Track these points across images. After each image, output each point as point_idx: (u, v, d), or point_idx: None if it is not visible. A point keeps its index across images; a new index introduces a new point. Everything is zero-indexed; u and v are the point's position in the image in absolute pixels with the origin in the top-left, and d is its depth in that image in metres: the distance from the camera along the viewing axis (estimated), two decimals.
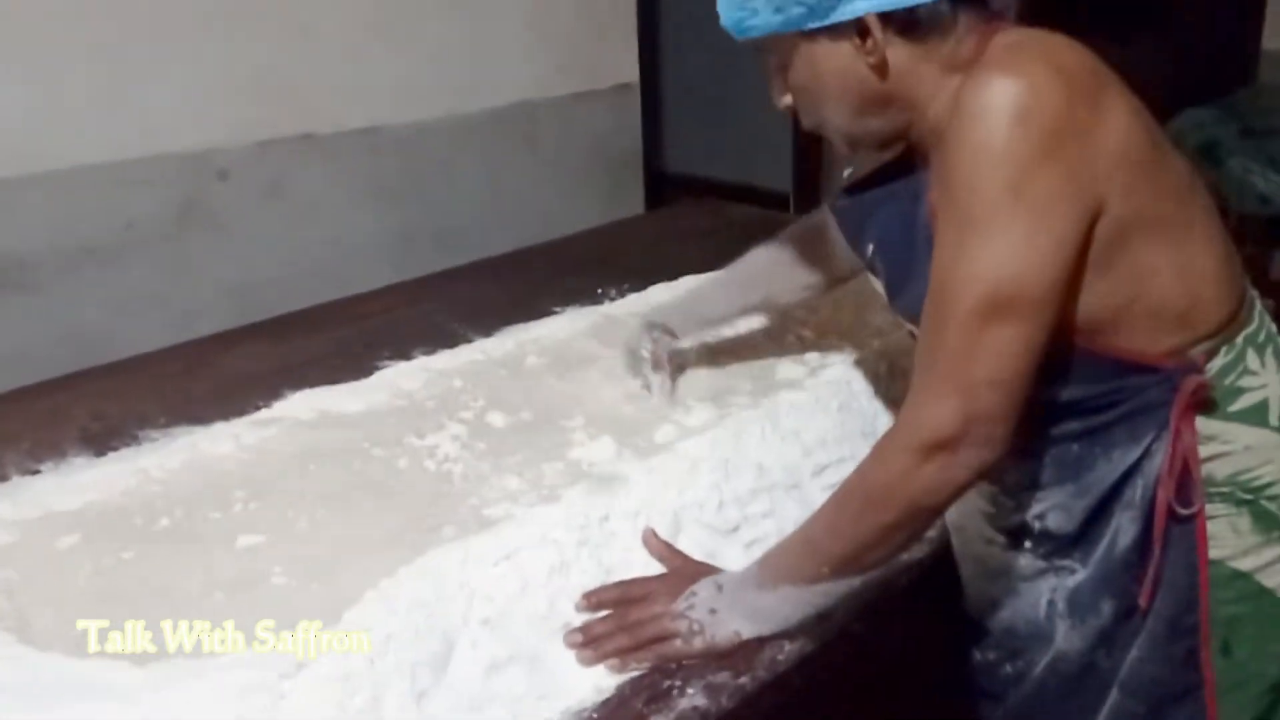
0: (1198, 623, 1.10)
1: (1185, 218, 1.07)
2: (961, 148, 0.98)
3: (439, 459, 1.36)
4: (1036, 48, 1.02)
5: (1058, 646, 1.17)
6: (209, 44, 2.25)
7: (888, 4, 1.02)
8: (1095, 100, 0.99)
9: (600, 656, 1.10)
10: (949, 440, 1.00)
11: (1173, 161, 1.07)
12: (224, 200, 2.36)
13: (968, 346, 0.99)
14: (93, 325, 2.13)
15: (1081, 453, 1.12)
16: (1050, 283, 0.98)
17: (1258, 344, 1.12)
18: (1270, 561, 1.12)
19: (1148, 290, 1.05)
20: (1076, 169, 0.97)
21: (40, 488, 1.30)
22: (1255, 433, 1.10)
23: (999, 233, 0.97)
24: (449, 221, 2.74)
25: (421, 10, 2.60)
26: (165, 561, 1.16)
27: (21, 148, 2.05)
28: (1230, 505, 1.10)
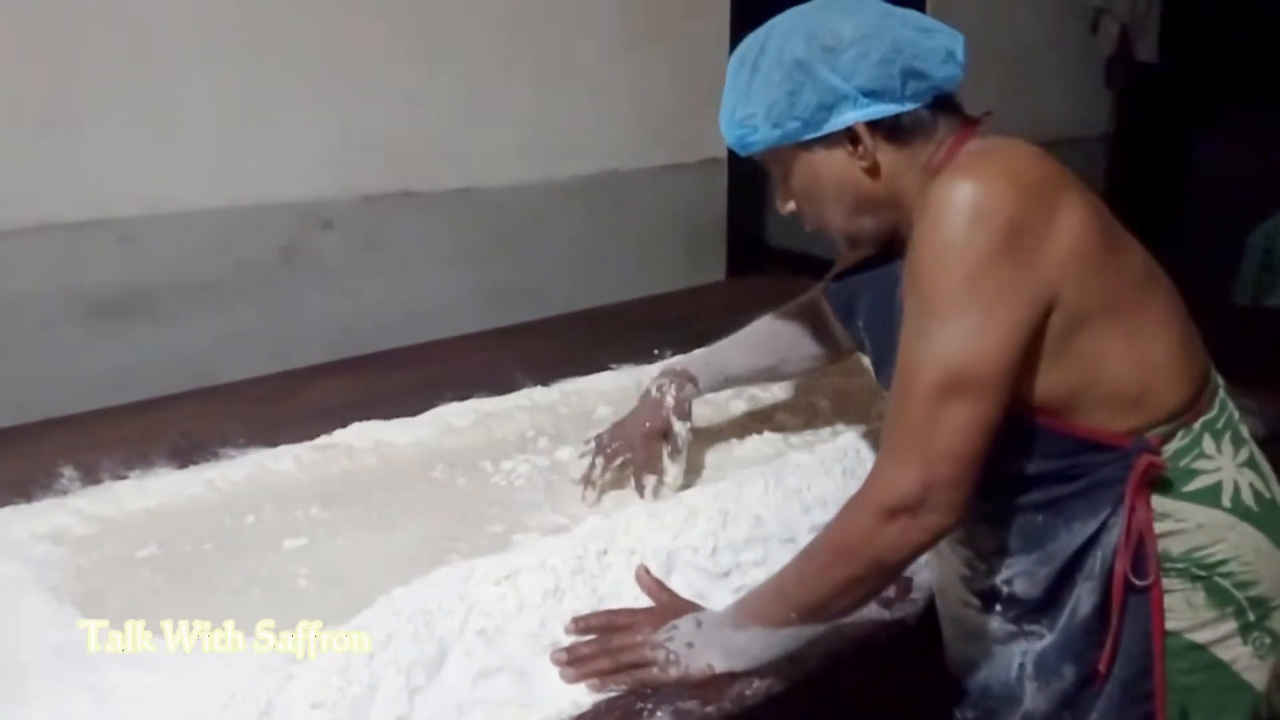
0: (1153, 689, 1.17)
1: (1140, 309, 1.15)
2: (924, 242, 1.09)
3: (468, 488, 1.51)
4: (998, 155, 1.12)
5: (1025, 708, 1.24)
6: (322, 105, 2.48)
7: (874, 113, 1.15)
8: (1049, 203, 1.08)
9: (582, 676, 1.21)
10: (910, 505, 1.09)
11: (1129, 257, 1.16)
12: (327, 248, 2.59)
13: (928, 420, 1.08)
14: (198, 353, 2.36)
15: (1045, 523, 1.19)
16: (1001, 366, 1.07)
17: (1215, 430, 1.18)
18: (1225, 636, 1.17)
19: (1101, 376, 1.13)
20: (1028, 265, 1.07)
21: (122, 491, 1.49)
22: (1208, 512, 1.16)
23: (955, 320, 1.07)
24: (534, 280, 2.92)
25: (519, 81, 2.81)
26: (214, 558, 1.33)
27: (150, 191, 2.30)
28: (1185, 580, 1.16)
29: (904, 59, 1.14)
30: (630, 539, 1.35)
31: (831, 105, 1.15)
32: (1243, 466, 1.19)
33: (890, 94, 1.14)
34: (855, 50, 1.14)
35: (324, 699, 1.07)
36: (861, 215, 1.22)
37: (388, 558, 1.34)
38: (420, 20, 2.60)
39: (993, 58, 4.05)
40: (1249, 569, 1.17)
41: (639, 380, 1.94)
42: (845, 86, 1.14)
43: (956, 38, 1.18)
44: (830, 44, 1.15)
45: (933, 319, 1.09)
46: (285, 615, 1.17)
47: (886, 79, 1.14)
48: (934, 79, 1.15)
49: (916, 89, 1.15)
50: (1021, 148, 1.14)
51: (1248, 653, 1.18)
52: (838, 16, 1.17)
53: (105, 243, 2.28)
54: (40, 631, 1.12)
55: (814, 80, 1.15)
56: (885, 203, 1.20)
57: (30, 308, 2.16)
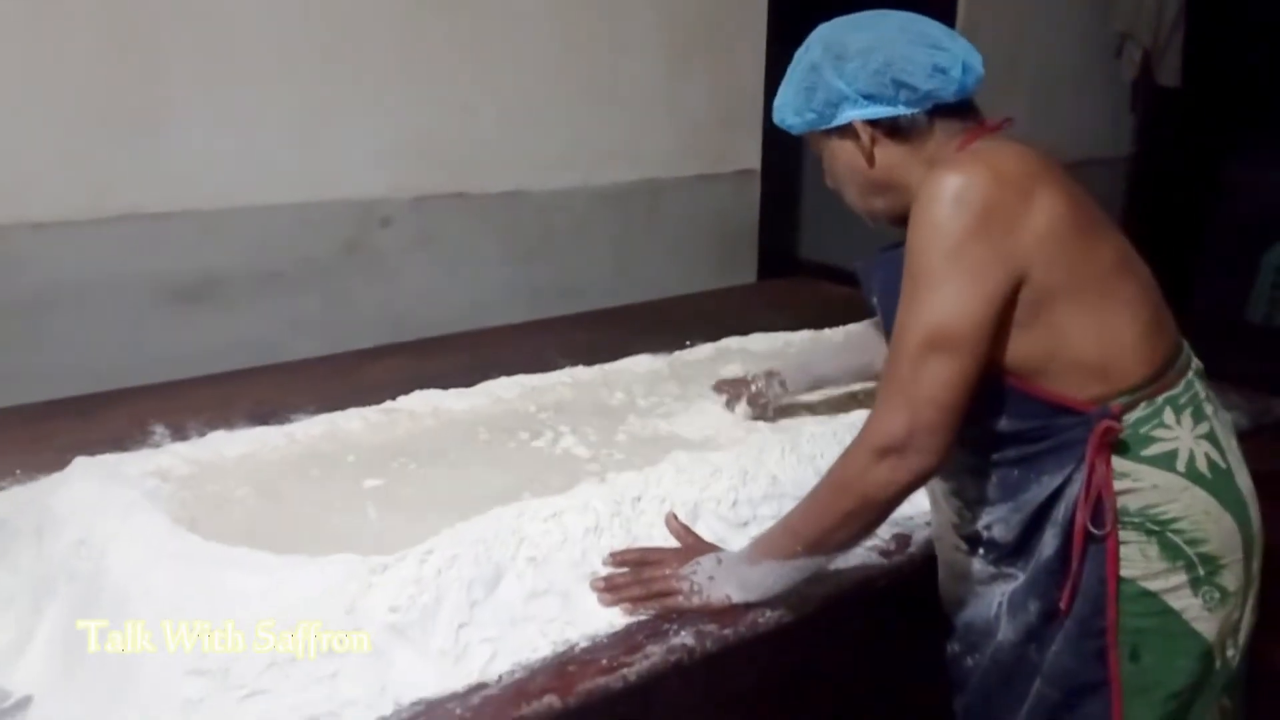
0: (1106, 627, 1.30)
1: (1106, 292, 1.29)
2: (916, 224, 1.26)
3: (520, 445, 1.71)
4: (985, 152, 1.28)
5: (998, 639, 1.39)
6: (385, 113, 2.69)
7: (871, 114, 1.33)
8: (1024, 192, 1.24)
9: (616, 600, 1.40)
10: (897, 446, 1.25)
11: (1103, 247, 1.31)
12: (385, 243, 2.79)
13: (913, 373, 1.25)
14: (267, 335, 2.56)
15: (1019, 476, 1.34)
16: (976, 326, 1.23)
17: (1177, 405, 1.32)
18: (1175, 586, 1.31)
19: (1066, 347, 1.28)
20: (1002, 242, 1.23)
21: (214, 440, 1.69)
22: (1162, 475, 1.30)
23: (938, 288, 1.24)
24: (574, 278, 3.11)
25: (566, 94, 3.01)
26: (296, 493, 1.53)
27: (227, 186, 2.51)
28: (1141, 534, 1.30)
29: (894, 71, 1.30)
30: (661, 489, 1.53)
31: (837, 104, 1.34)
32: (1200, 438, 1.32)
33: (885, 99, 1.32)
34: (858, 60, 1.32)
35: (399, 604, 1.26)
36: (871, 196, 1.40)
37: (450, 499, 1.53)
38: (477, 36, 2.81)
39: (1020, 79, 4.22)
40: (1199, 528, 1.30)
41: (670, 363, 2.13)
42: (848, 90, 1.33)
43: (956, 58, 1.32)
44: (839, 53, 1.34)
45: (920, 288, 1.26)
46: (361, 543, 1.36)
47: (880, 86, 1.31)
48: (921, 89, 1.30)
49: (910, 96, 1.31)
50: (1012, 148, 1.30)
51: (1198, 604, 1.31)
52: (852, 31, 1.35)
53: (186, 233, 2.48)
54: (158, 542, 1.31)
55: (824, 82, 1.34)
56: (887, 187, 1.37)
57: (121, 289, 2.36)
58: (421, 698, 1.22)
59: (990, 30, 4.09)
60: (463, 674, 1.26)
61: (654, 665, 1.32)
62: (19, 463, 1.70)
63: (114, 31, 2.29)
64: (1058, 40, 4.32)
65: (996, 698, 1.42)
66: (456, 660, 1.27)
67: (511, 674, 1.28)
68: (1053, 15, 4.26)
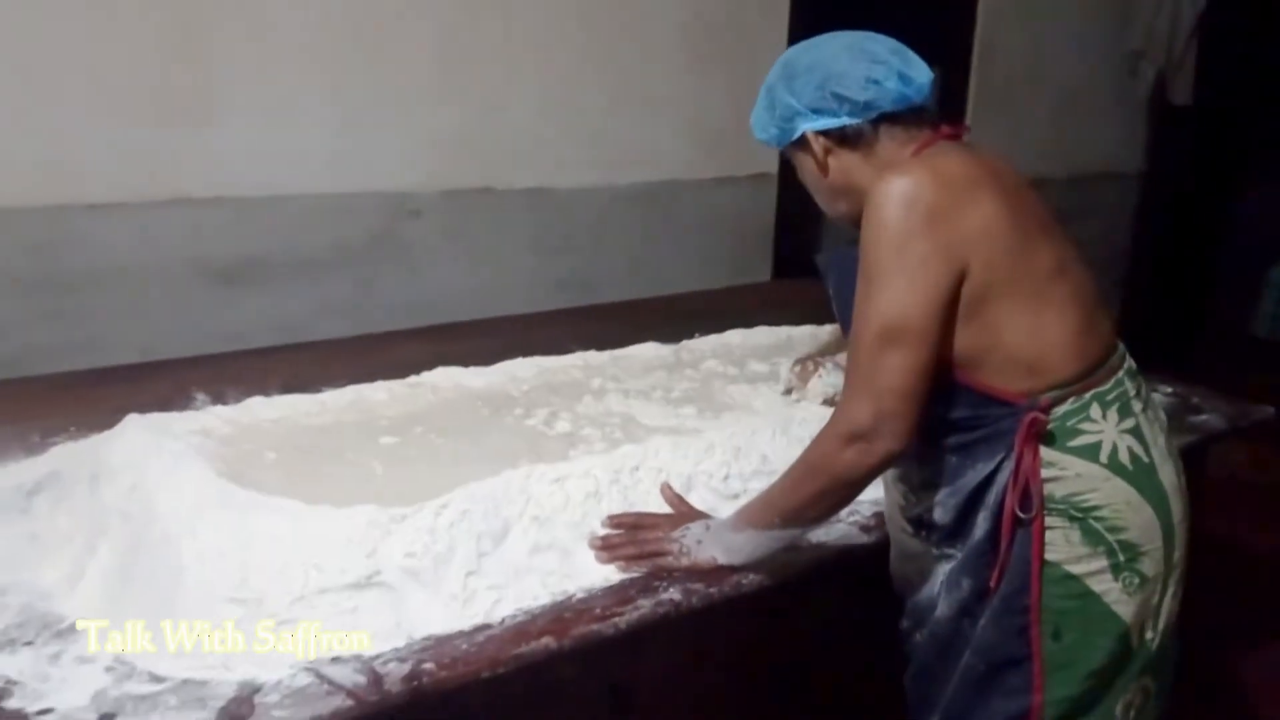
0: (1030, 605, 1.39)
1: (1040, 293, 1.38)
2: (866, 225, 1.36)
3: (532, 419, 1.86)
4: (931, 158, 1.39)
5: (936, 615, 1.49)
6: (417, 110, 2.83)
7: (818, 126, 1.44)
8: (965, 193, 1.35)
9: (612, 558, 1.53)
10: (863, 432, 1.36)
11: (1041, 252, 1.40)
12: (413, 234, 2.93)
13: (872, 365, 1.35)
14: (299, 316, 2.70)
15: (957, 462, 1.43)
16: (925, 318, 1.33)
17: (1105, 401, 1.41)
18: (1096, 570, 1.39)
19: (1001, 342, 1.37)
20: (944, 240, 1.33)
21: (251, 405, 1.85)
22: (1085, 465, 1.39)
23: (888, 283, 1.34)
24: (593, 272, 3.24)
25: (590, 96, 3.14)
26: (324, 452, 1.69)
27: (266, 176, 2.65)
28: (1065, 520, 1.39)
29: (831, 85, 1.42)
30: (658, 461, 1.67)
31: (791, 119, 1.46)
32: (1124, 433, 1.40)
33: (829, 111, 1.43)
34: (804, 78, 1.44)
35: (415, 550, 1.40)
36: (834, 200, 1.51)
37: (465, 462, 1.67)
38: (508, 40, 2.94)
39: (1036, 96, 4.33)
40: (1119, 516, 1.39)
41: (676, 351, 2.27)
42: (798, 105, 1.45)
43: (891, 70, 1.42)
44: (790, 73, 1.46)
45: (872, 284, 1.35)
46: (383, 497, 1.50)
47: (823, 100, 1.43)
48: (859, 100, 1.41)
49: (850, 108, 1.42)
50: (958, 155, 1.40)
51: (1117, 588, 1.40)
52: (804, 52, 1.47)
53: (227, 218, 2.63)
54: (201, 489, 1.45)
55: (779, 100, 1.47)
56: (845, 191, 1.47)
57: (167, 269, 2.51)
58: (432, 634, 1.37)
59: (1006, 49, 4.19)
60: (469, 615, 1.40)
61: (643, 616, 1.46)
62: (74, 421, 1.86)
63: (169, 27, 2.44)
64: (1073, 58, 4.41)
65: (935, 669, 1.51)
66: (464, 603, 1.41)
67: (513, 618, 1.42)
68: (1068, 34, 4.35)
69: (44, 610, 1.38)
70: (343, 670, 1.28)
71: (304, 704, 1.23)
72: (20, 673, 1.26)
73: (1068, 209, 4.42)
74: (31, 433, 1.84)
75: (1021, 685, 1.41)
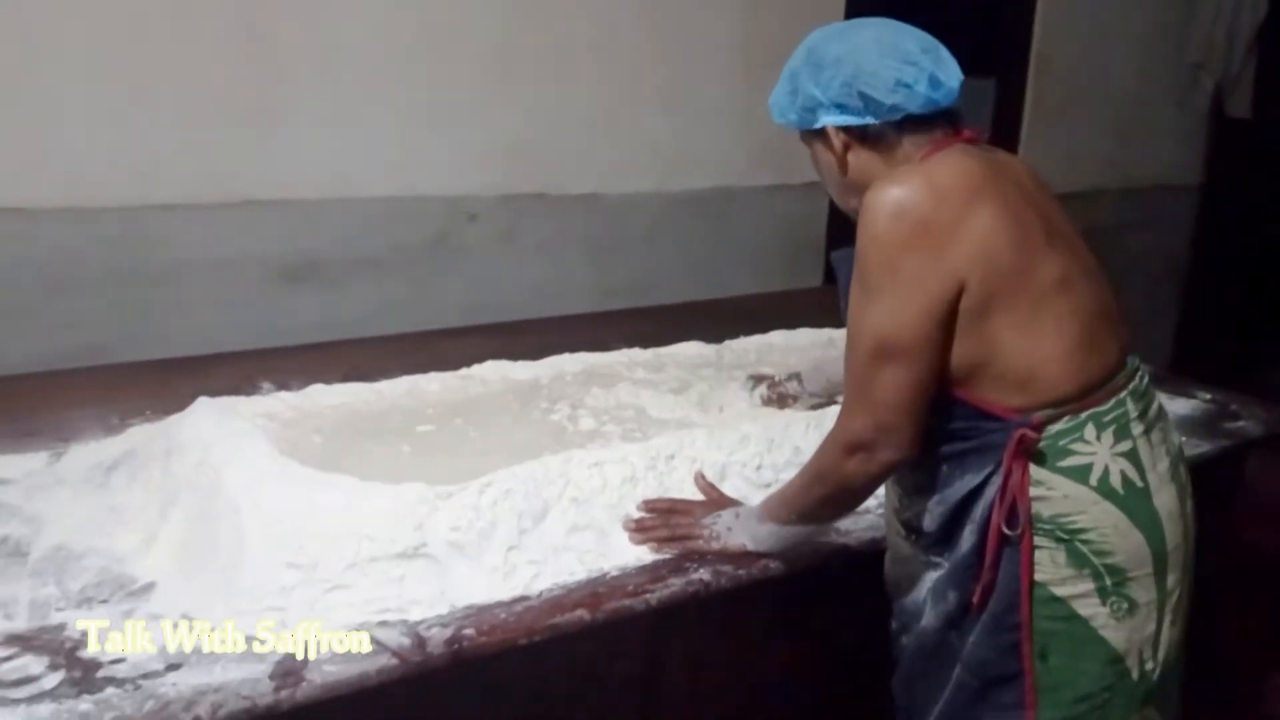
0: (1019, 622, 1.38)
1: (1038, 311, 1.35)
2: (860, 235, 1.35)
3: (572, 409, 1.96)
4: (929, 165, 1.36)
5: (922, 624, 1.49)
6: (475, 116, 2.94)
7: (840, 121, 1.42)
8: (961, 205, 1.32)
9: (645, 539, 1.61)
10: (864, 444, 1.38)
11: (1043, 267, 1.36)
12: (471, 237, 3.03)
13: (867, 380, 1.36)
14: (361, 314, 2.82)
15: (947, 471, 1.42)
16: (919, 336, 1.32)
17: (1101, 422, 1.38)
18: (1082, 593, 1.37)
19: (996, 357, 1.35)
20: (937, 254, 1.30)
21: (312, 392, 1.96)
22: (1074, 487, 1.36)
23: (881, 299, 1.33)
24: (644, 277, 3.32)
25: (645, 103, 3.23)
26: (379, 435, 1.79)
27: (331, 179, 2.77)
28: (1051, 540, 1.37)
29: (859, 84, 1.39)
30: (693, 451, 1.75)
31: (813, 109, 1.44)
32: (1118, 456, 1.37)
33: (853, 109, 1.40)
34: (831, 70, 1.41)
35: (460, 525, 1.49)
36: (847, 194, 1.48)
37: (506, 447, 1.77)
38: (564, 49, 3.04)
39: (1094, 106, 4.33)
40: (1106, 540, 1.36)
41: (718, 350, 2.35)
42: (822, 97, 1.42)
43: (923, 72, 1.38)
44: (818, 61, 1.43)
45: (866, 297, 1.35)
46: (431, 476, 1.59)
47: (847, 97, 1.40)
48: (885, 103, 1.38)
49: (876, 108, 1.39)
50: (960, 162, 1.37)
51: (1105, 612, 1.37)
52: (832, 40, 1.43)
53: (292, 219, 2.75)
54: (264, 465, 1.56)
55: (803, 89, 1.44)
56: (858, 188, 1.42)
57: (235, 266, 2.64)
58: (473, 603, 1.46)
59: (1065, 58, 4.20)
60: (509, 587, 1.49)
61: (673, 593, 1.53)
62: (148, 405, 1.99)
63: (241, 37, 2.57)
64: (1131, 70, 4.40)
65: (922, 679, 1.52)
66: (505, 576, 1.50)
67: (550, 591, 1.51)
68: (1128, 45, 4.35)
69: (119, 572, 1.50)
70: (389, 633, 1.38)
71: (352, 662, 1.32)
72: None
73: (1123, 221, 4.47)
74: (110, 415, 1.98)
75: (1014, 702, 1.41)
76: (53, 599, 1.43)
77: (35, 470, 1.78)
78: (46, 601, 1.42)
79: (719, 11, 3.31)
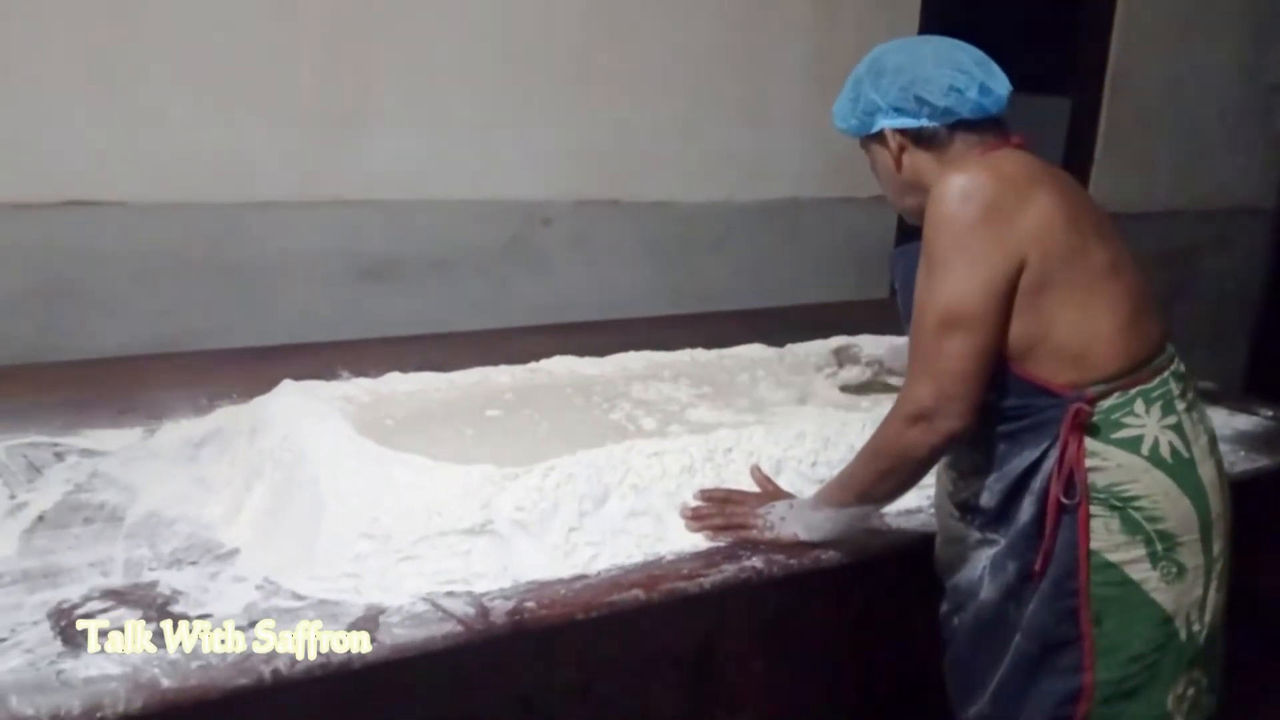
0: (1078, 588, 1.45)
1: (1092, 290, 1.46)
2: (929, 219, 1.46)
3: (636, 403, 2.04)
4: (990, 158, 1.49)
5: (980, 599, 1.55)
6: (552, 124, 3.03)
7: (898, 124, 1.54)
8: (1022, 191, 1.44)
9: (701, 527, 1.67)
10: (926, 412, 1.45)
11: (1096, 250, 1.47)
12: (544, 241, 3.12)
13: (934, 348, 1.44)
14: (437, 312, 2.92)
15: (1005, 448, 1.50)
16: (983, 306, 1.41)
17: (1149, 398, 1.47)
18: (1135, 559, 1.46)
19: (1051, 334, 1.45)
20: (1002, 231, 1.42)
21: (390, 379, 2.07)
22: (1127, 457, 1.45)
23: (949, 272, 1.43)
24: (712, 283, 3.39)
25: (717, 114, 3.30)
26: (451, 420, 1.89)
27: (412, 181, 2.88)
28: (1106, 509, 1.45)
29: (916, 88, 1.51)
30: (751, 445, 1.81)
31: (873, 114, 1.56)
32: (1166, 429, 1.47)
33: (910, 112, 1.53)
34: (890, 77, 1.54)
35: (524, 505, 1.57)
36: (904, 194, 1.60)
37: (572, 435, 1.85)
38: (640, 59, 3.12)
39: (1170, 127, 4.31)
40: (1157, 507, 1.45)
41: (780, 353, 2.40)
42: (881, 102, 1.55)
43: (974, 80, 1.51)
44: (878, 70, 1.56)
45: (934, 273, 1.45)
46: (498, 459, 1.67)
47: (905, 100, 1.53)
48: (939, 105, 1.51)
49: (930, 111, 1.52)
50: (1018, 156, 1.50)
51: (1156, 576, 1.45)
52: (895, 52, 1.57)
53: (376, 219, 2.87)
54: (343, 442, 1.66)
55: (864, 95, 1.57)
56: (915, 188, 1.56)
57: (321, 263, 2.76)
58: (535, 579, 1.53)
59: (1141, 78, 4.19)
60: (569, 566, 1.56)
61: (726, 579, 1.60)
62: (235, 389, 2.11)
63: (332, 44, 2.69)
64: (1208, 91, 4.37)
65: (979, 652, 1.57)
66: (565, 555, 1.57)
67: (608, 571, 1.58)
68: (1205, 66, 4.32)
69: (206, 538, 1.60)
70: (455, 602, 1.46)
71: (420, 626, 1.40)
72: (185, 585, 1.47)
73: (1198, 242, 4.44)
74: (200, 396, 2.10)
75: (1072, 665, 1.47)
76: (145, 559, 1.54)
77: (131, 444, 1.90)
78: (140, 561, 1.53)
79: (793, 26, 3.38)
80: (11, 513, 1.63)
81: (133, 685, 1.23)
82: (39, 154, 2.39)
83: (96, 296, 2.49)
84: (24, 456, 1.82)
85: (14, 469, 1.78)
